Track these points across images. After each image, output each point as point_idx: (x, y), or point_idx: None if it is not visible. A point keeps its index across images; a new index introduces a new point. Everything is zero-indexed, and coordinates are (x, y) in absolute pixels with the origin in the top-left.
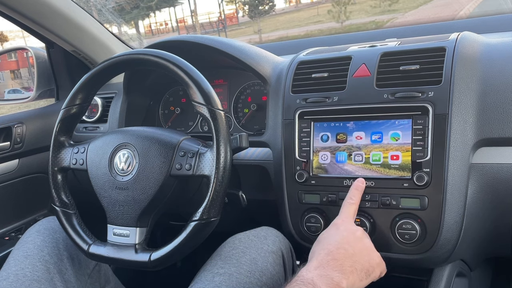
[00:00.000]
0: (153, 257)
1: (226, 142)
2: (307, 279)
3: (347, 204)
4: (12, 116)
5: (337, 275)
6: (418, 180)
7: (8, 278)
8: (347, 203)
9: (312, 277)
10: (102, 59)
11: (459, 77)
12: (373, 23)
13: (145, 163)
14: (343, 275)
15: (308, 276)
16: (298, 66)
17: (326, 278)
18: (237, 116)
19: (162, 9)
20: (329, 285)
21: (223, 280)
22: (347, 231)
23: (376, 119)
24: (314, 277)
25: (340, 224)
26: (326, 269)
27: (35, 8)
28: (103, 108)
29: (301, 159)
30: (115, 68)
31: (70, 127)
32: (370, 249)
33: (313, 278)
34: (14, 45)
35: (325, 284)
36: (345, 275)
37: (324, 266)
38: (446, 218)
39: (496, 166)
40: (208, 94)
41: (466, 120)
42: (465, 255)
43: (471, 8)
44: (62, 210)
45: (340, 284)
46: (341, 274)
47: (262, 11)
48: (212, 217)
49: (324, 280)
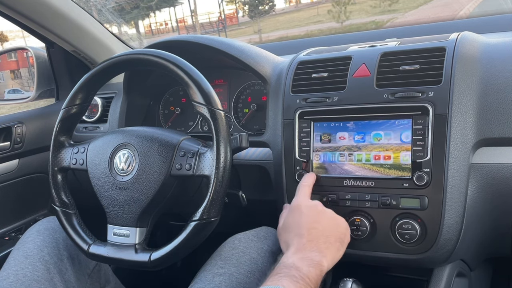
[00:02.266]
0: (153, 257)
1: (226, 142)
2: (289, 264)
3: (300, 186)
4: (12, 116)
5: (316, 255)
6: (418, 180)
7: (8, 278)
8: (300, 186)
9: (293, 261)
10: (102, 59)
11: (459, 77)
12: (373, 23)
13: (145, 163)
14: (320, 253)
15: (289, 261)
16: (298, 66)
17: (307, 260)
18: (237, 116)
19: (162, 9)
20: (310, 265)
21: (223, 280)
22: (309, 208)
23: (376, 119)
24: (295, 261)
25: (300, 204)
26: (304, 252)
27: (35, 8)
28: (103, 108)
29: (301, 159)
30: (115, 68)
31: (70, 127)
32: (334, 218)
33: (294, 262)
34: (14, 45)
35: (306, 265)
36: (323, 253)
37: (301, 250)
38: (446, 218)
39: (496, 166)
40: (208, 94)
41: (466, 120)
42: (465, 255)
43: (471, 8)
44: (62, 210)
45: (320, 263)
46: (319, 252)
47: (262, 11)
48: (212, 217)
49: (305, 262)
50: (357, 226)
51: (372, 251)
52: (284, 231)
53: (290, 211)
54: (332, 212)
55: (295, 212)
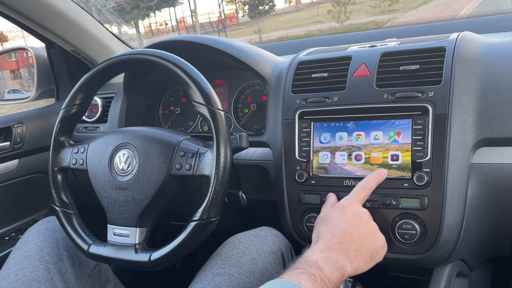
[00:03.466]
0: (153, 257)
1: (226, 142)
2: (312, 260)
3: (360, 187)
4: (12, 116)
5: (342, 259)
6: (418, 180)
7: (8, 278)
8: (360, 186)
9: (317, 259)
10: (102, 59)
11: (459, 77)
12: (373, 23)
13: (145, 163)
14: (347, 259)
15: (313, 258)
16: (298, 66)
17: (331, 261)
18: (237, 116)
19: (162, 9)
20: (333, 267)
21: (223, 280)
22: (354, 214)
23: (376, 119)
24: (318, 259)
25: (348, 207)
26: (331, 252)
27: (35, 8)
28: (103, 108)
29: (301, 159)
30: (115, 68)
31: (70, 127)
32: (375, 233)
33: (317, 260)
34: (14, 45)
35: (329, 266)
36: (350, 259)
37: (329, 249)
38: (446, 218)
39: (496, 166)
40: (208, 94)
41: (466, 120)
42: (465, 255)
43: (471, 8)
44: (62, 210)
45: (344, 267)
46: (346, 258)
47: (262, 11)
48: (212, 217)
49: (328, 262)
50: None
51: None
52: (321, 223)
53: (335, 208)
54: (376, 227)
55: (339, 211)
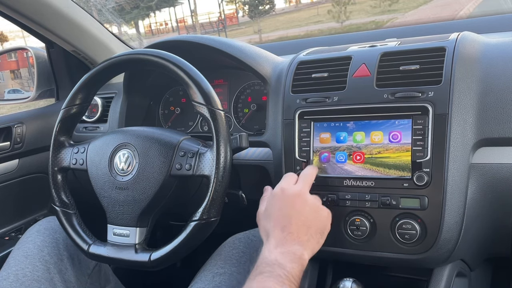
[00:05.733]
0: (153, 257)
1: (226, 142)
2: (271, 260)
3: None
4: (12, 116)
5: (297, 248)
6: (418, 180)
7: (8, 278)
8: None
9: (275, 257)
10: (102, 59)
11: (459, 77)
12: (373, 23)
13: (145, 163)
14: (302, 247)
15: (272, 257)
16: (298, 66)
17: (288, 254)
18: (237, 116)
19: (162, 9)
20: (293, 261)
21: (223, 280)
22: (292, 197)
23: (376, 119)
24: (277, 257)
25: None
26: (285, 246)
27: (35, 8)
28: (103, 108)
29: (301, 159)
30: (115, 68)
31: (70, 127)
32: (317, 208)
33: (276, 258)
34: (14, 45)
35: (289, 261)
36: (304, 246)
37: (283, 243)
38: (446, 218)
39: (496, 166)
40: (208, 94)
41: (466, 120)
42: (465, 255)
43: (471, 8)
44: (62, 210)
45: (302, 256)
46: (300, 246)
47: (262, 11)
48: (212, 217)
49: (287, 257)
50: (357, 226)
51: (372, 251)
52: (264, 217)
53: (273, 197)
54: (315, 200)
55: (277, 198)
